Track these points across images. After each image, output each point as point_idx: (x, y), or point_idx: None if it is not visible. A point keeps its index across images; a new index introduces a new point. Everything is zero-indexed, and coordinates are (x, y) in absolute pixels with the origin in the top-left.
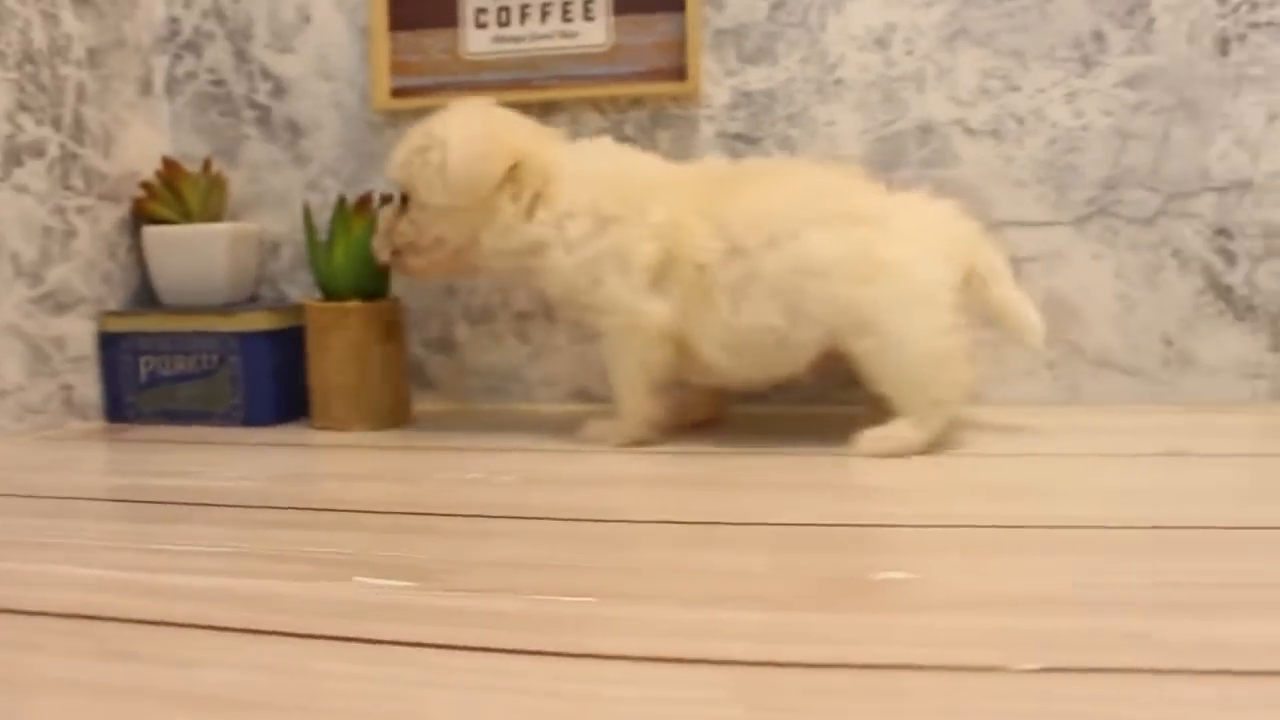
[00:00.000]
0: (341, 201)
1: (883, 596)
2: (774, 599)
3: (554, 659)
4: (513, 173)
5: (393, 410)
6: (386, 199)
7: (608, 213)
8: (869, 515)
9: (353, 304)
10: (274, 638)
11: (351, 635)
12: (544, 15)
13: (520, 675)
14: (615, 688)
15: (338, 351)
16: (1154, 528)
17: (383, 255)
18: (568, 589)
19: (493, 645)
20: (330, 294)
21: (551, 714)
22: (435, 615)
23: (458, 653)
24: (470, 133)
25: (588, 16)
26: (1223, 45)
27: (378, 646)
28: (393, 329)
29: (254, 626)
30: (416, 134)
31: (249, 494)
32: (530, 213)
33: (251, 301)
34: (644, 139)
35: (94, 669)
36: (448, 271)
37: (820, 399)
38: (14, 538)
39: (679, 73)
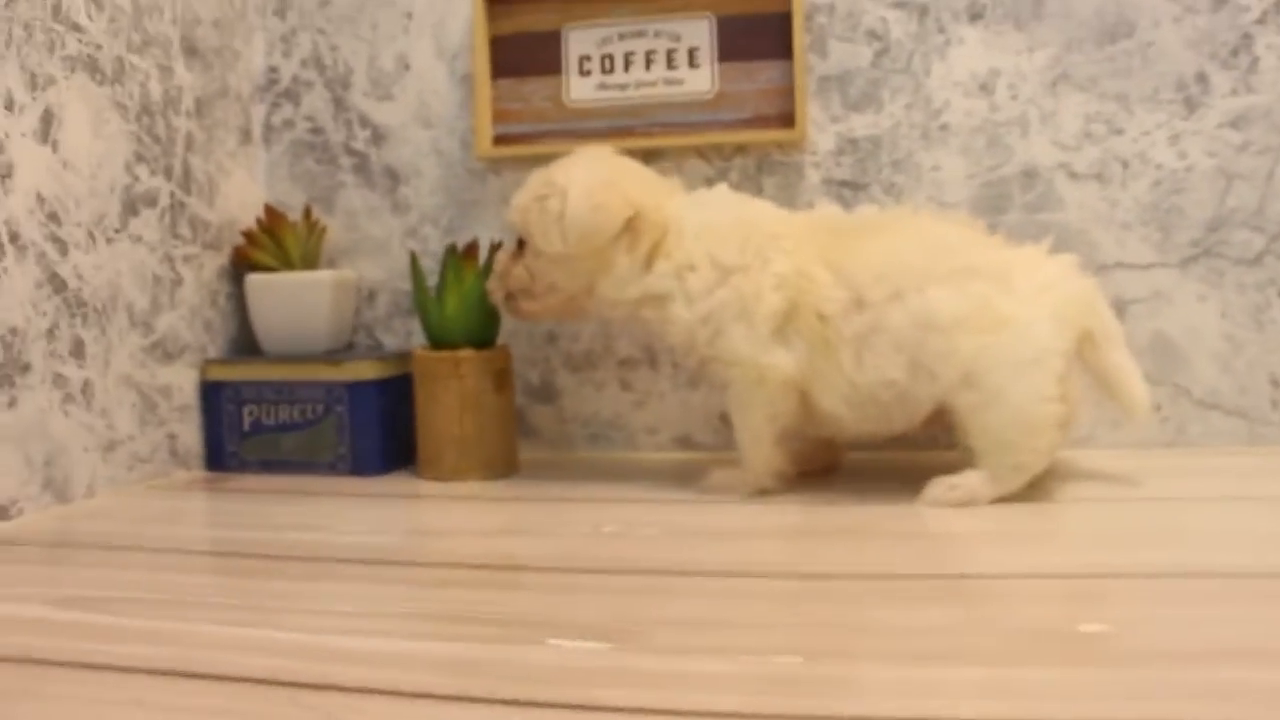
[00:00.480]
0: (452, 249)
1: (1092, 649)
2: (984, 654)
3: None
4: (630, 224)
5: (504, 460)
6: (497, 247)
7: (729, 263)
8: (1035, 564)
9: (466, 353)
10: (494, 706)
11: (573, 701)
12: (648, 63)
13: None
14: None
15: (450, 401)
16: None
17: (497, 297)
18: (769, 648)
19: (725, 710)
20: (440, 343)
21: None
22: (647, 679)
23: (690, 719)
24: (590, 183)
25: (693, 64)
26: None
27: (605, 713)
28: (504, 377)
29: (467, 694)
30: (537, 180)
31: (391, 549)
32: (648, 264)
33: (348, 349)
34: (749, 186)
35: None
36: (560, 315)
37: (929, 444)
38: (177, 596)
39: (784, 119)
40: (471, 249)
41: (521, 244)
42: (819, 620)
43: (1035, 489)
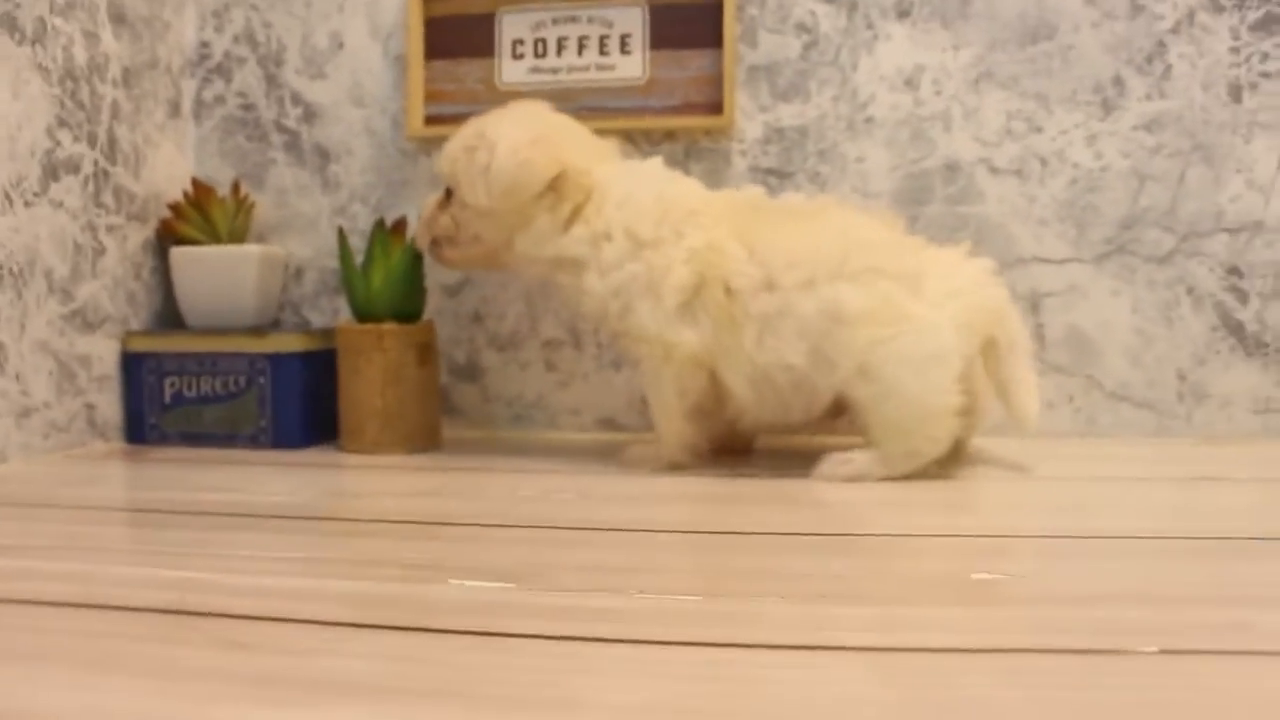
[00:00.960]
0: (380, 225)
1: (984, 593)
2: (880, 596)
3: (686, 648)
4: (555, 183)
5: (426, 434)
6: None
7: (644, 237)
8: (937, 527)
9: (389, 326)
10: (392, 631)
11: (473, 629)
12: (580, 48)
13: (663, 663)
14: (766, 671)
15: (373, 374)
16: (1210, 538)
17: (422, 243)
18: (671, 589)
19: (623, 637)
20: (366, 318)
21: (710, 695)
22: (549, 611)
23: (591, 644)
24: (519, 139)
25: (624, 50)
26: (1235, 93)
27: (505, 639)
28: (427, 351)
29: (366, 621)
30: (469, 130)
31: (307, 507)
32: (567, 226)
33: (274, 325)
34: (676, 171)
35: (211, 659)
36: (483, 265)
37: (846, 430)
38: (87, 544)
39: (714, 107)
40: (399, 225)
41: (449, 192)
42: (720, 567)
43: (945, 467)
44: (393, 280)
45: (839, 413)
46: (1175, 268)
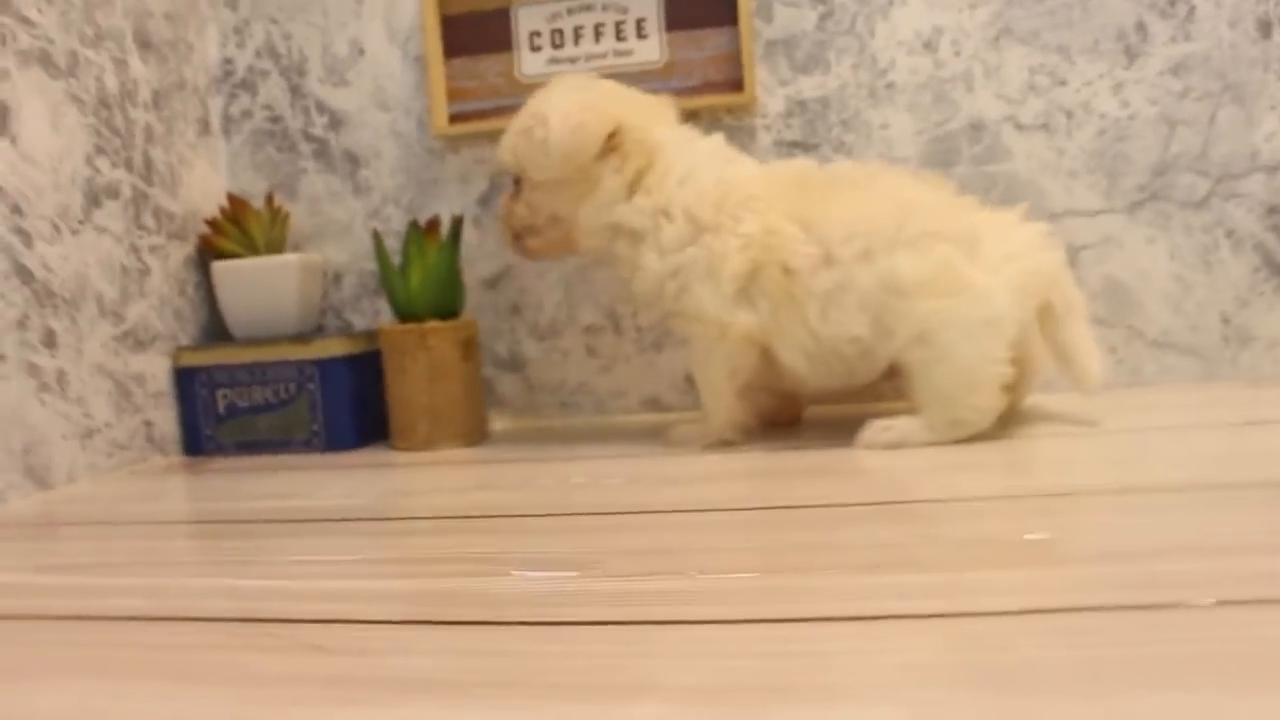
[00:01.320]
0: (414, 225)
1: (1036, 553)
2: (935, 563)
3: (751, 625)
4: (613, 141)
5: (474, 428)
6: (458, 221)
7: (703, 220)
8: (987, 488)
9: (432, 324)
10: (460, 626)
11: (537, 619)
12: (598, 36)
13: (727, 642)
14: (828, 644)
15: (419, 372)
16: (1263, 485)
17: (505, 239)
18: (728, 568)
19: (685, 619)
20: (408, 317)
21: (775, 671)
22: (611, 598)
23: (654, 627)
24: (569, 105)
25: (641, 35)
26: (1264, 28)
27: (570, 627)
28: (470, 346)
29: (433, 618)
30: (521, 115)
31: (363, 509)
32: (630, 192)
33: (317, 331)
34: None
35: (288, 664)
36: (565, 250)
37: (894, 396)
38: (158, 558)
39: (734, 85)
40: (433, 224)
41: (518, 183)
42: (775, 543)
43: (996, 428)
44: (431, 279)
45: (893, 375)
46: (1212, 211)
